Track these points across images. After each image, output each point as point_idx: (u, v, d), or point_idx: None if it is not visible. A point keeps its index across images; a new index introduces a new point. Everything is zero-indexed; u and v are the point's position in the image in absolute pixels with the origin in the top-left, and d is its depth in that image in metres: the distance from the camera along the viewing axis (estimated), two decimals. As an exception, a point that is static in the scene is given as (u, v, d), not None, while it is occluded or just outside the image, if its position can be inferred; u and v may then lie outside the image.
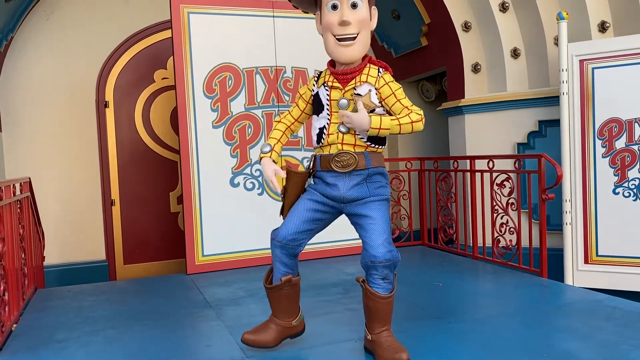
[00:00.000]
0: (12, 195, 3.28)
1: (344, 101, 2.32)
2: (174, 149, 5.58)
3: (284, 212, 2.46)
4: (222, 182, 4.44)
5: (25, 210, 3.74)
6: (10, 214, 3.19)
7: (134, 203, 5.52)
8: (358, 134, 2.32)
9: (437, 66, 5.63)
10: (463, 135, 5.23)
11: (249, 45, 4.47)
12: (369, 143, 2.34)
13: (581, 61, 4.27)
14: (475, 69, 5.17)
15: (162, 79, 5.60)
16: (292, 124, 2.56)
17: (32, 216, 4.09)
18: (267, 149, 2.47)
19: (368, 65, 2.36)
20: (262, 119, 4.54)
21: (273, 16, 4.49)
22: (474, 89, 5.21)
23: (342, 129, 2.33)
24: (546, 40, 4.75)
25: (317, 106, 2.42)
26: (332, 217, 2.47)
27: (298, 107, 2.53)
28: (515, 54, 4.96)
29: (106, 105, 5.42)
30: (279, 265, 2.47)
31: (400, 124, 2.27)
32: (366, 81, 2.32)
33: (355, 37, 2.28)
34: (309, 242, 2.50)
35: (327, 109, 2.37)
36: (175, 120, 5.40)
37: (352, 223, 2.43)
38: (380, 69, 2.35)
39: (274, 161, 2.46)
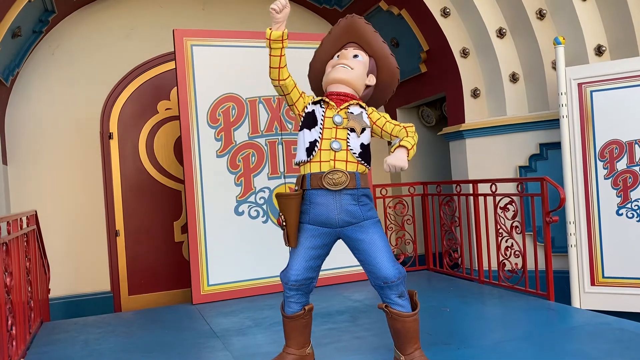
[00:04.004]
0: (19, 229, 3.30)
1: (338, 118, 2.47)
2: (178, 179, 5.62)
3: (289, 240, 2.50)
4: (227, 211, 4.46)
5: (31, 243, 3.76)
6: (18, 247, 3.21)
7: (138, 233, 5.54)
8: (351, 149, 2.44)
9: (437, 92, 5.69)
10: (465, 160, 5.27)
11: (251, 76, 4.53)
12: (359, 159, 2.47)
13: (579, 84, 4.32)
14: (475, 94, 5.23)
15: (166, 109, 5.67)
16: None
17: (38, 249, 4.10)
18: None
19: (358, 100, 2.59)
20: (265, 148, 4.58)
21: (274, 47, 4.57)
22: (474, 113, 5.26)
23: (335, 146, 2.43)
24: (544, 64, 4.82)
25: (310, 121, 2.52)
26: (332, 244, 2.55)
27: (297, 89, 2.62)
28: (514, 78, 5.02)
29: (110, 136, 5.48)
30: (294, 305, 2.54)
31: (413, 137, 2.43)
32: (358, 104, 2.54)
33: (349, 67, 2.58)
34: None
35: (321, 125, 2.48)
36: (178, 150, 5.46)
37: (351, 248, 2.50)
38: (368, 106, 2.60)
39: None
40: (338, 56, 2.67)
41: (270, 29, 2.49)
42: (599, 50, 4.60)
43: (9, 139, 5.20)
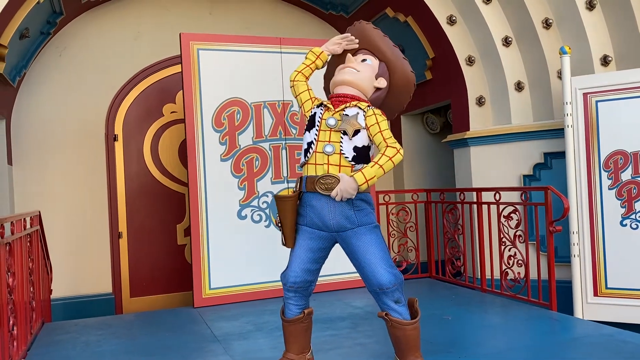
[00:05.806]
0: (22, 229, 3.31)
1: (331, 120, 2.45)
2: (182, 182, 5.62)
3: (286, 241, 2.51)
4: (230, 215, 4.46)
5: (34, 243, 3.76)
6: (21, 248, 3.22)
7: (141, 235, 5.54)
8: (344, 154, 2.41)
9: (442, 99, 5.70)
10: (469, 167, 5.26)
11: (256, 80, 4.55)
12: (353, 163, 2.43)
13: (585, 94, 4.32)
14: (480, 102, 5.23)
15: (171, 112, 5.69)
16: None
17: (41, 249, 4.11)
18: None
19: (361, 102, 2.53)
20: (269, 152, 4.59)
21: (280, 52, 4.59)
22: (479, 121, 5.26)
23: (328, 150, 2.42)
24: (549, 73, 4.81)
25: (310, 123, 2.54)
26: (330, 247, 2.55)
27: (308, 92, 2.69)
28: (519, 87, 5.02)
29: (115, 138, 5.50)
30: (293, 307, 2.53)
31: (381, 166, 2.33)
32: (356, 106, 2.48)
33: (356, 70, 2.58)
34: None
35: (317, 127, 2.48)
36: (183, 153, 5.47)
37: (347, 253, 2.49)
38: (372, 106, 2.51)
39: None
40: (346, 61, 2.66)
41: (320, 47, 2.72)
42: (605, 61, 4.60)
43: (15, 139, 5.23)
